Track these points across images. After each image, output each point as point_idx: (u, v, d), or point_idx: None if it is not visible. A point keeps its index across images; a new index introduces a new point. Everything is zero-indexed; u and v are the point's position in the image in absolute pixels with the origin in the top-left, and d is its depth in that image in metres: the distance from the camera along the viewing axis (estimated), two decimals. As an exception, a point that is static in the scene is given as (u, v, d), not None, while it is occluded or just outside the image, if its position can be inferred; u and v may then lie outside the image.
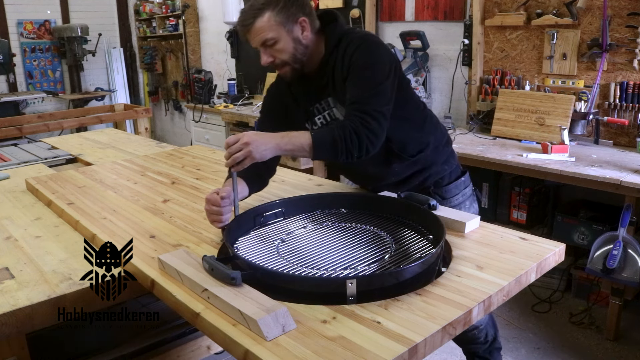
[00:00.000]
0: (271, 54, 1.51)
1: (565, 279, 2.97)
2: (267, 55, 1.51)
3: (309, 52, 1.54)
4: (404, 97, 1.60)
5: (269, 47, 1.49)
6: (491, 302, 1.09)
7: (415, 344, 0.91)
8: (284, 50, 1.50)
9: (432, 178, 1.72)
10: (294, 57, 1.52)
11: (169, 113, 6.93)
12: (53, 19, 6.54)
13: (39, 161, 2.66)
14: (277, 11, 1.46)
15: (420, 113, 1.71)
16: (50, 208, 1.83)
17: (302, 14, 1.50)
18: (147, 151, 2.73)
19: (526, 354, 2.51)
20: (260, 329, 0.94)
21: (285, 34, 1.48)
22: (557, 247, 1.31)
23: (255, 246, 1.35)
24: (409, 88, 1.67)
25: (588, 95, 2.96)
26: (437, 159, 1.72)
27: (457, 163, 1.81)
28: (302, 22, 1.50)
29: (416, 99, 1.72)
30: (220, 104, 4.85)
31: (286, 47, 1.49)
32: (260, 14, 1.46)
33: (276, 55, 1.51)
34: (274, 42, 1.48)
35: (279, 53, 1.50)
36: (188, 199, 1.81)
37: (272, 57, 1.51)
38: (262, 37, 1.47)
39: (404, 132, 1.63)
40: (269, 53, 1.50)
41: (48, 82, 6.60)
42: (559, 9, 3.04)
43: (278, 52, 1.50)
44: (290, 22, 1.48)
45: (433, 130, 1.73)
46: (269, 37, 1.47)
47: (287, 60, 1.52)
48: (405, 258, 1.24)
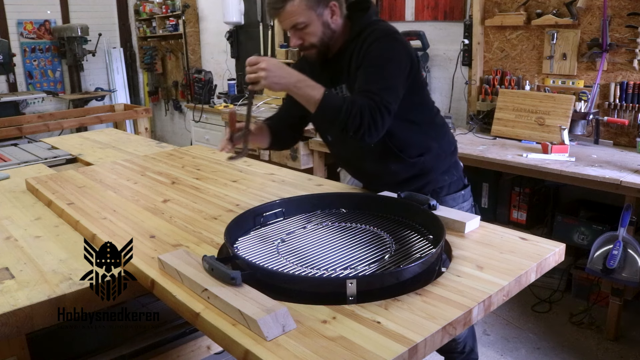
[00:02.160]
0: (300, 37, 1.55)
1: (565, 279, 2.97)
2: (297, 38, 1.55)
3: (336, 36, 1.58)
4: (417, 100, 1.62)
5: (298, 30, 1.53)
6: (491, 302, 1.09)
7: (415, 344, 0.91)
8: (314, 34, 1.54)
9: (430, 186, 1.71)
10: (322, 41, 1.56)
11: (169, 113, 6.93)
12: (53, 19, 6.54)
13: (39, 161, 2.66)
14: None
15: (429, 117, 1.71)
16: (50, 208, 1.83)
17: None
18: (147, 151, 2.73)
19: (526, 354, 2.51)
20: (260, 329, 0.94)
21: (316, 17, 1.52)
22: (557, 247, 1.31)
23: (255, 246, 1.35)
24: (424, 91, 1.69)
25: (588, 95, 2.96)
26: (438, 166, 1.71)
27: (461, 175, 1.80)
28: (333, 7, 1.54)
29: (430, 103, 1.73)
30: (220, 104, 4.85)
31: (316, 30, 1.53)
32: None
33: (305, 38, 1.55)
34: (304, 25, 1.52)
35: (308, 36, 1.54)
36: (188, 199, 1.81)
37: (301, 39, 1.55)
38: (292, 20, 1.51)
39: (407, 133, 1.63)
40: (299, 36, 1.54)
41: (48, 82, 6.61)
42: (559, 9, 3.04)
43: (307, 35, 1.54)
44: (320, 6, 1.52)
45: (439, 137, 1.72)
46: (300, 21, 1.51)
47: (316, 44, 1.56)
48: (405, 258, 1.24)
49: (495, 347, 2.54)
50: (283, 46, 4.80)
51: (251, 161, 2.34)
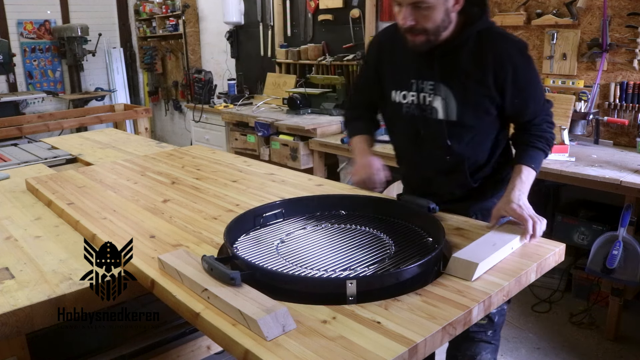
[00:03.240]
0: (416, 18, 1.37)
1: (565, 279, 2.97)
2: (411, 18, 1.37)
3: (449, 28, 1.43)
4: None
5: (418, 9, 1.36)
6: (491, 302, 1.09)
7: (415, 344, 0.91)
8: (433, 19, 1.37)
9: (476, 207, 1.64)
10: (437, 29, 1.40)
11: (169, 113, 6.93)
12: (53, 19, 6.54)
13: (39, 161, 2.66)
14: None
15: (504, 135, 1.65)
16: (50, 208, 1.83)
17: None
18: (147, 151, 2.73)
19: (526, 354, 2.51)
20: (260, 329, 0.94)
21: (442, 3, 1.36)
22: (557, 247, 1.31)
23: (255, 246, 1.35)
24: None
25: (588, 95, 2.96)
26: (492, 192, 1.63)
27: None
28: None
29: None
30: (220, 104, 4.85)
31: (437, 16, 1.37)
32: None
33: (421, 21, 1.38)
34: (428, 7, 1.35)
35: (425, 20, 1.37)
36: (188, 199, 1.81)
37: (415, 21, 1.37)
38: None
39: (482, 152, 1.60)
40: (415, 16, 1.37)
41: (48, 82, 6.61)
42: (559, 9, 3.04)
43: (425, 19, 1.37)
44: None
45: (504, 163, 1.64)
46: (426, 2, 1.34)
47: (430, 30, 1.39)
48: (404, 260, 1.24)
49: (495, 347, 2.54)
50: (283, 46, 4.81)
51: (251, 161, 2.34)
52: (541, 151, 1.50)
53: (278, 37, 4.91)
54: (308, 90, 4.34)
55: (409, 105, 1.57)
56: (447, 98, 1.49)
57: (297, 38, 4.78)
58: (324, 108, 4.19)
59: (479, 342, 1.63)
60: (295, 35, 4.80)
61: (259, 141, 4.19)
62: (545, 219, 1.35)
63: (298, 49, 4.62)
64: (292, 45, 4.78)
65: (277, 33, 4.92)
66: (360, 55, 4.16)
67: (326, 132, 3.74)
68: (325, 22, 4.46)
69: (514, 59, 1.45)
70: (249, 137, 4.33)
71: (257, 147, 4.25)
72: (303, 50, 4.57)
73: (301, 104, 4.23)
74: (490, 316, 1.61)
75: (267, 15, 5.03)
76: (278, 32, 4.91)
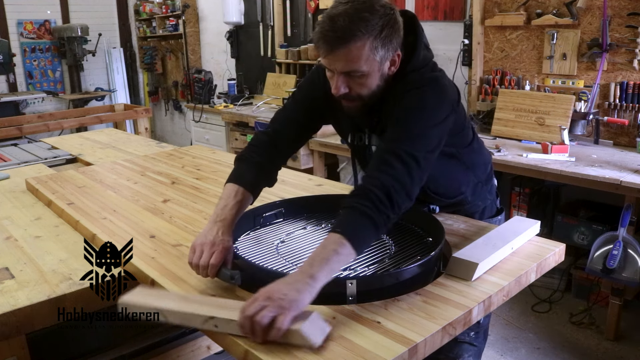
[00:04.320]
0: (350, 85, 1.24)
1: (565, 279, 2.97)
2: (345, 86, 1.24)
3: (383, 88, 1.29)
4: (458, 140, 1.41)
5: (352, 78, 1.23)
6: (491, 302, 1.09)
7: (415, 344, 0.92)
8: (367, 86, 1.25)
9: (461, 212, 1.56)
10: (372, 94, 1.27)
11: (169, 113, 6.93)
12: (53, 19, 6.53)
13: (39, 161, 2.66)
14: (379, 41, 1.19)
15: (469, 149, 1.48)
16: (50, 208, 1.83)
17: (398, 46, 1.25)
18: (147, 151, 2.73)
19: (526, 354, 2.51)
20: (305, 337, 0.90)
21: (377, 69, 1.23)
22: (557, 247, 1.31)
23: (255, 246, 1.35)
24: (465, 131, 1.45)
25: (588, 95, 2.96)
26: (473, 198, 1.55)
27: (494, 199, 1.63)
28: (396, 57, 1.25)
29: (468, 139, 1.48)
30: (220, 104, 4.85)
31: (372, 83, 1.24)
32: (359, 38, 1.16)
33: (355, 89, 1.25)
34: (362, 75, 1.22)
35: (360, 87, 1.25)
36: (188, 199, 1.81)
37: (349, 88, 1.25)
38: (351, 66, 1.20)
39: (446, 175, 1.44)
40: (348, 84, 1.24)
41: (48, 82, 6.60)
42: (559, 9, 3.04)
43: (359, 86, 1.25)
44: (386, 57, 1.23)
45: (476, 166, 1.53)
46: (360, 70, 1.20)
47: (364, 96, 1.27)
48: (404, 260, 1.24)
49: (495, 347, 2.54)
50: (283, 46, 4.81)
51: (251, 161, 2.33)
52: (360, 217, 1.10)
53: (278, 37, 4.91)
54: (308, 90, 4.33)
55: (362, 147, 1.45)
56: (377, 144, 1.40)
57: (297, 38, 4.78)
58: (324, 108, 4.18)
59: (462, 344, 1.52)
60: (295, 35, 4.80)
61: (259, 141, 4.19)
62: None
63: (298, 49, 4.62)
64: (292, 45, 4.78)
65: (277, 33, 4.92)
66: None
67: (326, 132, 3.73)
68: (325, 22, 4.46)
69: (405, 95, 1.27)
70: (249, 137, 4.33)
71: (257, 147, 4.24)
72: (303, 50, 4.57)
73: (301, 104, 4.22)
74: None
75: (267, 15, 5.03)
76: (278, 32, 4.91)
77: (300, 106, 1.46)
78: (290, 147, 1.46)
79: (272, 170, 1.42)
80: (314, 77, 1.47)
